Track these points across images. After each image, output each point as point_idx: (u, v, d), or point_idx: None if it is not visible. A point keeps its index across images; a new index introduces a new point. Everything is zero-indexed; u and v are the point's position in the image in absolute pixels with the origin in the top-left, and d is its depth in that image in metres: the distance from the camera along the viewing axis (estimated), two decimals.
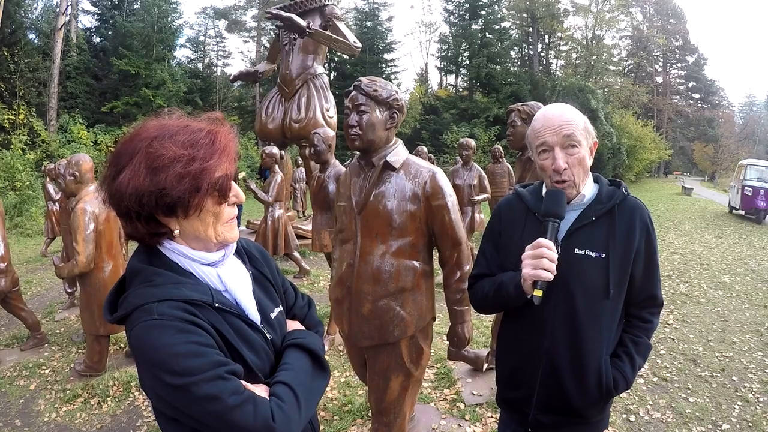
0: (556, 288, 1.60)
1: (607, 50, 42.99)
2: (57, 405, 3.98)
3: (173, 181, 1.01)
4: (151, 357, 0.98)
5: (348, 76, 31.45)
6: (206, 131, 1.08)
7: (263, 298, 1.27)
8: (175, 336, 0.98)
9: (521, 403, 1.77)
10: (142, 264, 1.11)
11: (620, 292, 1.64)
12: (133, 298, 1.05)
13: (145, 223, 1.06)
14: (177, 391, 0.97)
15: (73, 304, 6.27)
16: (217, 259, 1.16)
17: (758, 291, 7.40)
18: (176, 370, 0.95)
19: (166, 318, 1.00)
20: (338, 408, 3.79)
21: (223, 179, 1.08)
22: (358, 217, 2.38)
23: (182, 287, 1.06)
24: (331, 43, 7.64)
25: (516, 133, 3.79)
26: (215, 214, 1.10)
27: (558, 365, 1.66)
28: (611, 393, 1.67)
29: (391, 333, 2.36)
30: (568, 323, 1.63)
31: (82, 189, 4.10)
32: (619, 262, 1.60)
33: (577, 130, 1.58)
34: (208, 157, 1.05)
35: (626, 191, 1.67)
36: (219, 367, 1.00)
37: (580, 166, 1.60)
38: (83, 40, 26.41)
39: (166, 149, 1.02)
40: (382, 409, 2.50)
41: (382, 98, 2.28)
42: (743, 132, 58.05)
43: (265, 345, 1.19)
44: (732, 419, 3.79)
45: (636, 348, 1.70)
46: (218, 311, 1.10)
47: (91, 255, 3.95)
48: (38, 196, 14.70)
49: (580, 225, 1.63)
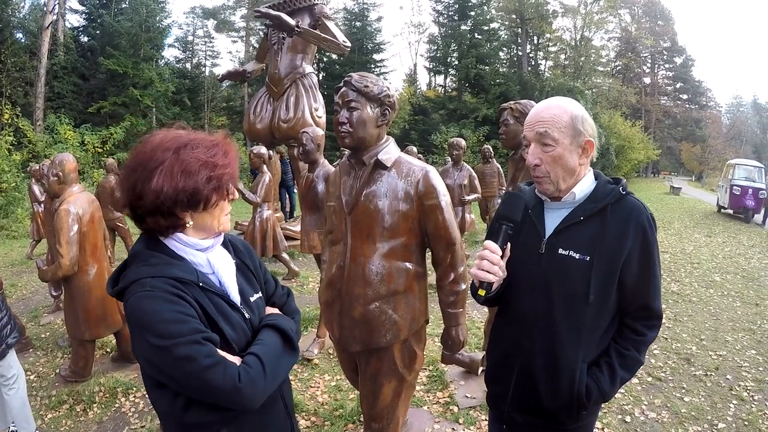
0: (537, 287, 1.58)
1: (595, 51, 43.18)
2: (42, 412, 3.88)
3: (203, 183, 1.27)
4: (141, 321, 1.19)
5: (337, 76, 31.32)
6: (219, 144, 1.35)
7: (244, 284, 1.48)
8: (163, 305, 1.19)
9: (498, 398, 1.76)
10: (141, 248, 1.34)
11: (605, 298, 1.56)
12: (131, 274, 1.27)
13: (167, 217, 1.28)
14: (160, 351, 1.16)
15: (58, 308, 6.14)
16: (208, 246, 1.38)
17: (749, 289, 7.44)
18: (161, 332, 1.16)
19: (158, 290, 1.21)
20: (329, 413, 3.72)
21: (233, 182, 1.37)
22: (348, 218, 2.30)
23: (173, 268, 1.28)
24: (321, 42, 7.57)
25: (508, 132, 3.74)
26: (222, 208, 1.37)
27: (532, 365, 1.63)
28: (582, 402, 1.59)
29: (383, 337, 2.28)
30: (545, 324, 1.59)
31: (65, 190, 3.98)
32: (605, 265, 1.52)
33: (555, 128, 1.54)
34: (225, 165, 1.32)
35: (624, 190, 1.59)
36: (197, 333, 1.19)
37: (556, 164, 1.56)
38: (71, 40, 26.08)
39: (196, 157, 1.28)
40: (374, 415, 2.44)
41: (373, 94, 2.20)
42: (730, 132, 58.57)
43: (243, 323, 1.38)
44: (728, 418, 3.79)
45: (620, 360, 1.61)
46: (202, 290, 1.31)
47: (74, 257, 3.84)
48: (24, 198, 14.45)
49: (568, 224, 1.57)
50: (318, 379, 4.31)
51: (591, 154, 1.60)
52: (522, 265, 1.63)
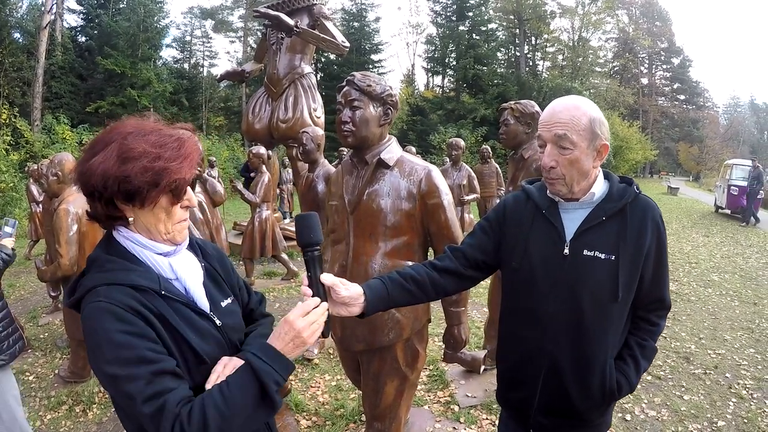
0: (562, 290, 1.56)
1: (593, 52, 43.28)
2: (41, 413, 3.87)
3: (137, 172, 1.12)
4: (92, 340, 1.08)
5: (335, 77, 31.36)
6: (176, 137, 1.21)
7: (213, 289, 1.35)
8: (114, 323, 1.07)
9: (522, 403, 1.72)
10: (100, 252, 1.22)
11: (629, 295, 1.58)
12: (86, 281, 1.16)
13: (105, 205, 1.17)
14: (110, 379, 1.07)
15: (57, 308, 6.13)
16: (169, 250, 1.26)
17: (747, 289, 7.45)
18: (109, 358, 1.05)
19: (112, 301, 1.09)
20: (330, 413, 3.71)
21: (180, 181, 1.18)
22: (350, 217, 2.30)
23: (131, 274, 1.16)
24: (319, 42, 7.56)
25: (509, 132, 3.75)
26: (167, 211, 1.21)
27: (561, 368, 1.60)
28: (614, 396, 1.62)
29: (386, 336, 2.28)
30: (573, 326, 1.57)
31: (64, 189, 3.98)
32: (629, 264, 1.53)
33: (573, 131, 1.51)
34: (172, 159, 1.16)
35: (638, 189, 1.61)
36: (144, 364, 1.06)
37: (572, 167, 1.53)
38: (68, 39, 26.10)
39: (138, 144, 1.14)
40: (376, 414, 2.44)
41: (376, 93, 2.21)
42: (727, 133, 58.66)
43: (214, 331, 1.26)
44: (727, 416, 3.79)
45: (642, 351, 1.65)
46: (164, 298, 1.18)
47: (74, 257, 3.84)
48: (22, 198, 14.42)
49: (590, 225, 1.56)
50: (318, 378, 4.30)
51: (604, 157, 1.59)
52: (543, 268, 1.61)
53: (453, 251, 1.78)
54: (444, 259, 1.77)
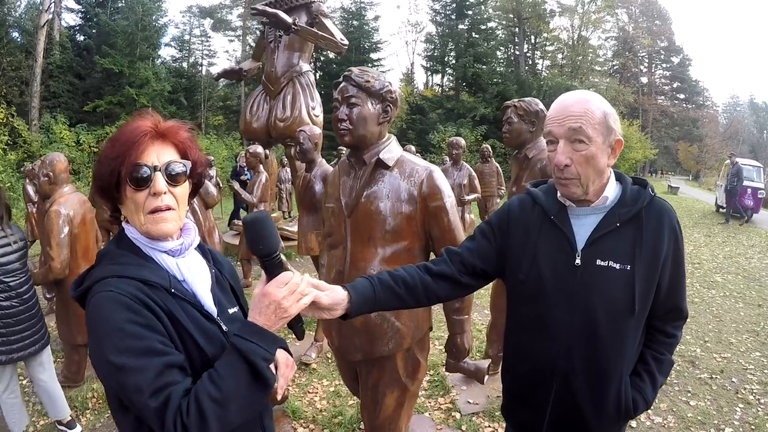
0: (575, 302, 1.44)
1: (592, 51, 43.31)
2: (34, 418, 3.78)
3: (103, 170, 1.17)
4: (99, 330, 1.07)
5: (334, 75, 31.19)
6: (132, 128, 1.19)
7: (221, 295, 1.34)
8: (124, 312, 1.06)
9: (531, 422, 1.61)
10: (111, 247, 1.23)
11: (646, 307, 1.47)
12: (97, 272, 1.16)
13: (101, 195, 1.22)
14: (113, 368, 1.03)
15: (52, 310, 6.02)
16: (174, 248, 1.24)
17: (751, 290, 7.36)
18: (118, 346, 1.03)
19: (122, 292, 1.08)
20: (328, 420, 3.63)
21: (134, 168, 1.15)
22: (348, 220, 2.20)
23: (143, 269, 1.16)
24: (318, 40, 7.49)
25: (512, 131, 3.66)
26: (134, 201, 1.18)
27: (573, 386, 1.49)
28: (630, 415, 1.52)
29: (385, 346, 2.17)
30: (586, 341, 1.45)
31: (56, 190, 3.86)
32: (645, 274, 1.42)
33: (589, 125, 1.38)
34: (117, 148, 1.16)
35: (653, 192, 1.49)
36: (155, 356, 1.05)
37: (588, 165, 1.40)
38: (66, 39, 25.99)
39: (106, 149, 1.18)
40: (376, 426, 2.33)
41: (374, 90, 2.09)
42: (727, 132, 58.52)
43: (221, 336, 1.23)
44: (734, 422, 3.72)
45: (658, 366, 1.55)
46: (173, 296, 1.17)
47: (65, 260, 3.74)
48: (19, 198, 14.32)
49: (603, 232, 1.44)
50: (316, 384, 4.21)
51: (618, 154, 1.47)
52: (553, 280, 1.49)
53: (450, 254, 1.67)
54: (440, 263, 1.66)
